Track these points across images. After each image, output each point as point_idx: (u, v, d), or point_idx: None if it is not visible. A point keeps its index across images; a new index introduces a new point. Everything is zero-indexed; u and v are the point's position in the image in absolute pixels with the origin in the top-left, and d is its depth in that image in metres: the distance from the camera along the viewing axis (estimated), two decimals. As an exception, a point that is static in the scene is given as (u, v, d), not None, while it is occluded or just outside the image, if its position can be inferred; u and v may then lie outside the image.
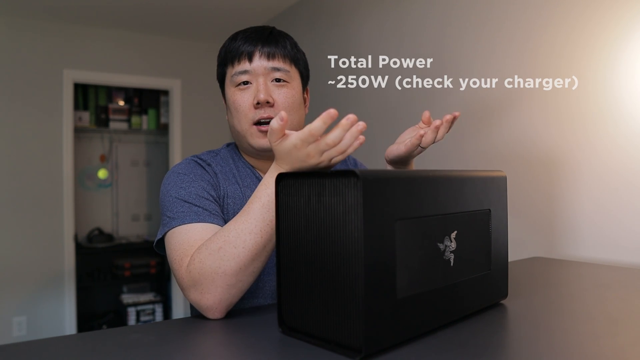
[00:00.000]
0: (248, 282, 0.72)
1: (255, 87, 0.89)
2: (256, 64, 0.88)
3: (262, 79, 0.89)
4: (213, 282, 0.69)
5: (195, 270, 0.71)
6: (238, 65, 0.89)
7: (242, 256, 0.69)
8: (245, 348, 0.60)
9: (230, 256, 0.69)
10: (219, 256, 0.69)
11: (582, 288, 0.91)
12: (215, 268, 0.69)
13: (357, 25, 2.39)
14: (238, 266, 0.69)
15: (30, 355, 0.57)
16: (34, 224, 3.14)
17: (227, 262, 0.69)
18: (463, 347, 0.57)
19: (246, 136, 0.90)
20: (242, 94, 0.89)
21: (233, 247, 0.69)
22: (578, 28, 1.38)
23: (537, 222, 1.50)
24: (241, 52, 0.89)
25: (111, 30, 3.41)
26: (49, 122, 3.21)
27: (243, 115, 0.90)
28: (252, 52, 0.88)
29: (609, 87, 1.30)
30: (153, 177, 4.14)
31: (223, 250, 0.69)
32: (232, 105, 0.91)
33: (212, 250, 0.70)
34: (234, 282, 0.70)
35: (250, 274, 0.71)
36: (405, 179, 0.59)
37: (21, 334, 3.08)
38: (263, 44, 0.89)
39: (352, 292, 0.53)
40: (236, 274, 0.70)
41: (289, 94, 0.90)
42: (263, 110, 0.88)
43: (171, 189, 0.85)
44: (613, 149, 1.30)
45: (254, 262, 0.71)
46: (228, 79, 0.92)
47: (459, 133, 1.78)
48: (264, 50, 0.89)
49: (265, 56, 0.89)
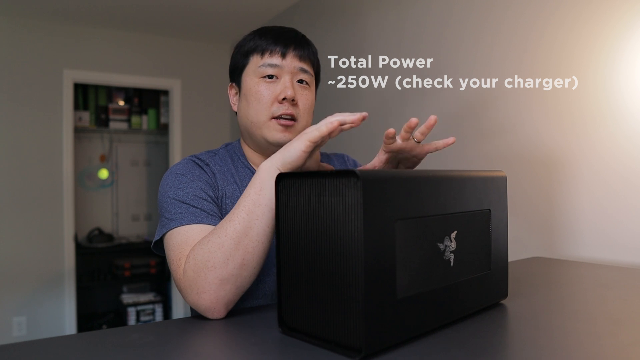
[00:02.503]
0: (242, 276, 0.72)
1: (282, 83, 0.90)
2: (288, 62, 0.91)
3: (289, 76, 0.91)
4: (205, 279, 0.70)
5: (190, 269, 0.71)
6: (269, 58, 0.91)
7: (225, 245, 0.70)
8: (245, 348, 0.60)
9: (215, 247, 0.71)
10: (207, 249, 0.71)
11: (582, 288, 0.91)
12: (205, 262, 0.70)
13: (357, 25, 2.39)
14: (225, 256, 0.70)
15: (30, 355, 0.57)
16: (34, 224, 3.14)
17: (213, 254, 0.70)
18: (463, 347, 0.57)
19: (262, 128, 0.90)
20: (267, 86, 0.90)
21: (217, 237, 0.71)
22: (578, 28, 1.38)
23: (537, 222, 1.50)
24: (275, 48, 0.91)
25: (111, 30, 3.41)
26: (49, 122, 3.21)
27: (264, 107, 0.90)
28: (286, 51, 0.91)
29: (609, 87, 1.30)
30: (153, 177, 4.14)
31: (210, 242, 0.71)
32: (253, 95, 0.91)
33: (202, 245, 0.72)
34: (225, 276, 0.70)
35: (239, 266, 0.71)
36: (405, 179, 0.59)
37: (21, 334, 3.09)
38: (296, 45, 0.92)
39: (352, 292, 0.53)
40: (225, 266, 0.70)
41: (309, 97, 0.94)
42: (287, 106, 0.89)
43: (169, 190, 0.85)
44: (613, 148, 1.30)
45: (238, 250, 0.71)
46: (251, 69, 0.92)
47: (459, 133, 1.78)
48: (297, 51, 0.92)
49: (297, 57, 0.92)
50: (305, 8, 2.88)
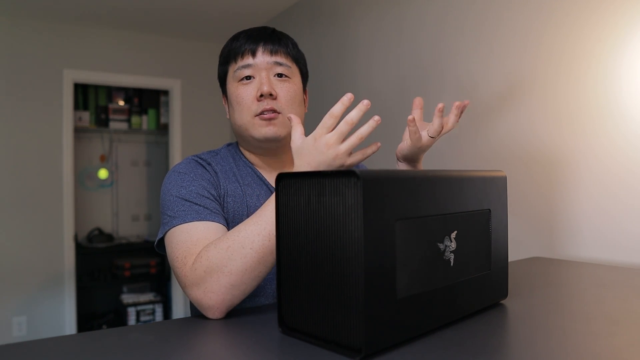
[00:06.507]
0: (252, 285, 0.72)
1: (258, 81, 0.90)
2: (259, 59, 0.91)
3: (264, 72, 0.91)
4: (218, 281, 0.70)
5: (202, 268, 0.71)
6: (241, 61, 0.91)
7: (248, 257, 0.70)
8: (245, 348, 0.60)
9: (237, 256, 0.70)
10: (227, 255, 0.70)
11: (581, 288, 0.91)
12: (221, 266, 0.70)
13: (356, 26, 2.39)
14: (244, 267, 0.70)
15: (30, 355, 0.57)
16: (34, 224, 3.14)
17: (233, 262, 0.70)
18: (463, 347, 0.57)
19: (248, 128, 0.91)
20: (245, 88, 0.91)
21: (241, 247, 0.70)
22: (578, 29, 1.38)
23: (537, 222, 1.50)
24: (245, 49, 0.91)
25: (111, 30, 3.41)
26: (49, 122, 3.21)
27: (246, 109, 0.91)
28: (256, 48, 0.91)
29: (609, 87, 1.31)
30: (153, 177, 4.14)
31: (231, 249, 0.70)
32: (234, 99, 0.92)
33: (220, 249, 0.71)
34: (238, 283, 0.70)
35: (255, 277, 0.72)
36: (405, 179, 0.59)
37: (21, 334, 3.09)
38: (266, 41, 0.92)
39: (352, 292, 0.53)
40: (241, 275, 0.70)
41: (291, 88, 0.93)
42: (266, 102, 0.90)
43: (172, 188, 0.85)
44: (612, 149, 1.30)
45: (259, 265, 0.71)
46: (230, 75, 0.94)
47: (459, 133, 1.78)
48: (267, 46, 0.92)
49: (268, 52, 0.91)
50: (304, 8, 2.88)
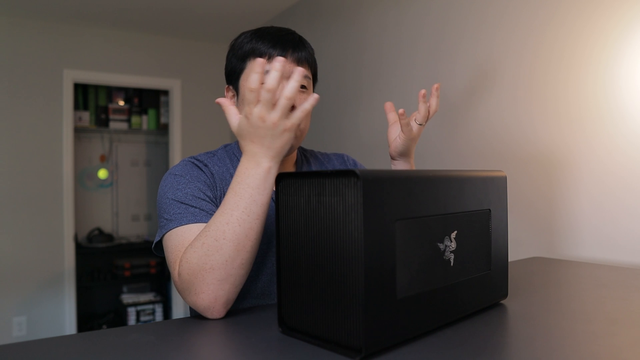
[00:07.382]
0: (240, 275, 0.72)
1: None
2: (286, 67, 0.89)
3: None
4: (204, 280, 0.70)
5: (185, 272, 0.71)
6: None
7: (225, 248, 0.70)
8: (245, 348, 0.60)
9: (213, 250, 0.69)
10: (204, 252, 0.70)
11: (581, 288, 0.91)
12: (202, 265, 0.70)
13: (356, 25, 2.39)
14: (224, 259, 0.70)
15: (30, 355, 0.57)
16: (34, 224, 3.14)
17: (211, 257, 0.69)
18: (463, 346, 0.57)
19: None
20: None
21: (214, 240, 0.70)
22: (578, 29, 1.38)
23: (537, 222, 1.50)
24: (273, 52, 0.89)
25: (111, 30, 3.41)
26: (49, 122, 3.21)
27: None
28: (285, 54, 0.89)
29: (609, 87, 1.31)
30: (153, 177, 4.14)
31: (206, 245, 0.70)
32: None
33: (196, 248, 0.71)
34: (224, 276, 0.70)
35: (239, 265, 0.71)
36: (405, 179, 0.59)
37: (21, 334, 3.09)
38: (294, 49, 0.90)
39: (352, 292, 0.53)
40: (224, 267, 0.70)
41: None
42: None
43: (168, 191, 0.85)
44: (612, 149, 1.30)
45: (239, 252, 0.70)
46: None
47: (459, 133, 1.78)
48: (295, 54, 0.90)
49: (295, 61, 0.90)
50: (305, 8, 2.88)
